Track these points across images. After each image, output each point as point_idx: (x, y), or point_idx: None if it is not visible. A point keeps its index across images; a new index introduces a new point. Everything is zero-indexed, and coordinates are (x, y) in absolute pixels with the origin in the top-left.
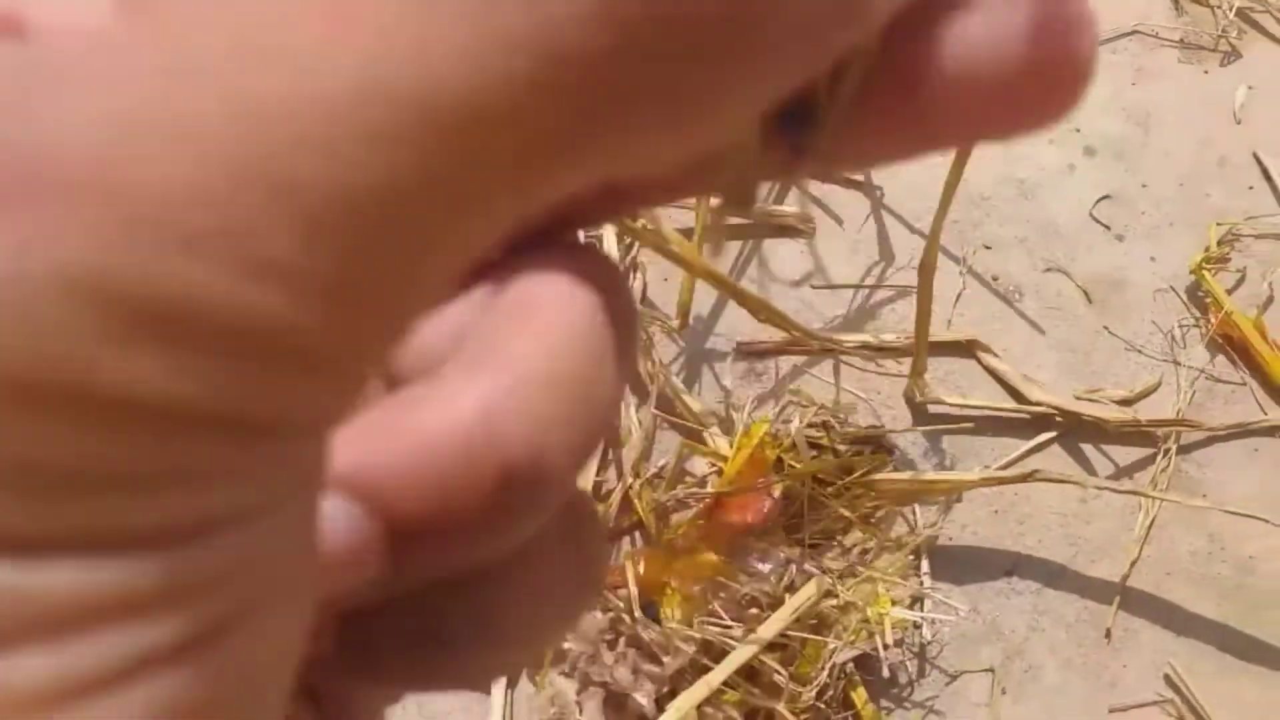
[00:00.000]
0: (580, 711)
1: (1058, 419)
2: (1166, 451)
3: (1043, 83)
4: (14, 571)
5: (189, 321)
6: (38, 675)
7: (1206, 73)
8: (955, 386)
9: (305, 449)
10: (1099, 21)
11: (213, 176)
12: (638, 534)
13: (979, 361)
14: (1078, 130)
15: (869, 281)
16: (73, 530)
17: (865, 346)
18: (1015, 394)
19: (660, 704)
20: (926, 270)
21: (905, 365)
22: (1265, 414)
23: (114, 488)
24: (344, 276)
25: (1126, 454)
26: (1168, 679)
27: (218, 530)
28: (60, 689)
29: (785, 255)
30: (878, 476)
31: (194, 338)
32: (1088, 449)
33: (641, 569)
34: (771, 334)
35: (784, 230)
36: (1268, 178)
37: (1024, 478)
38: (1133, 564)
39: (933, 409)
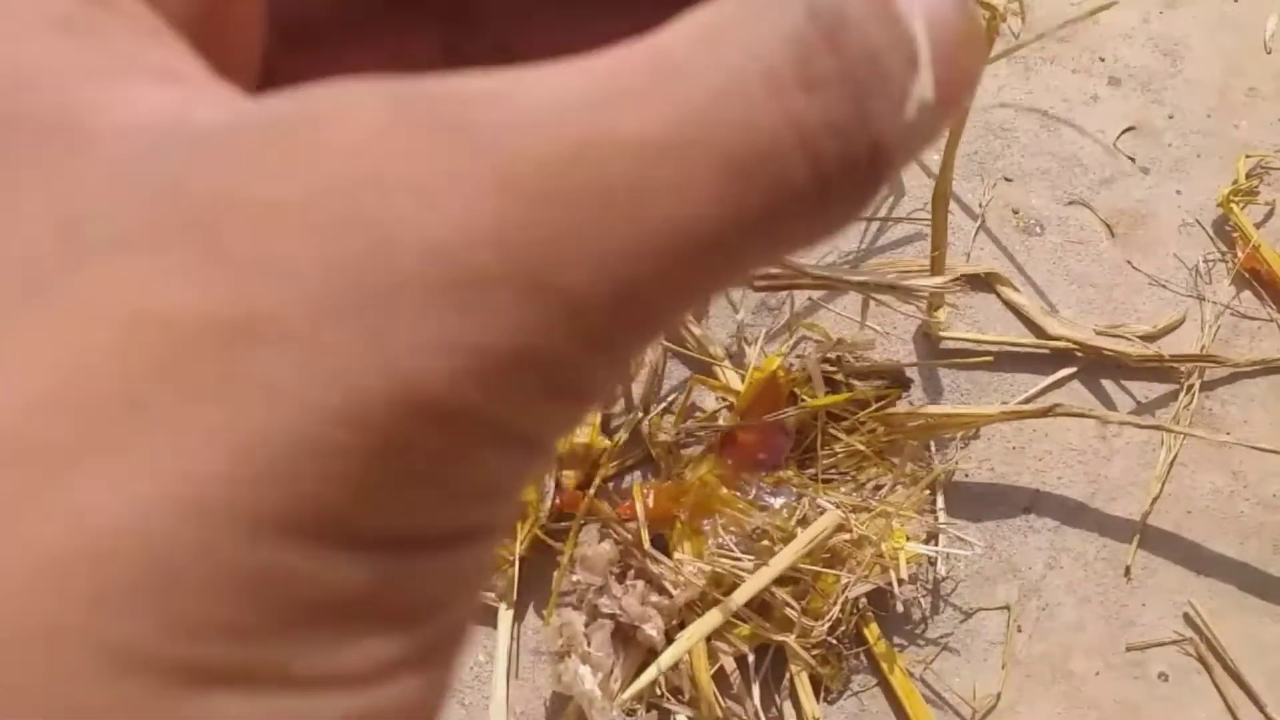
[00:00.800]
0: (589, 643)
1: (1078, 354)
2: (1190, 388)
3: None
4: None
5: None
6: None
7: (1237, 1)
8: (973, 322)
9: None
10: None
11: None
12: (647, 467)
13: (998, 295)
14: (1102, 60)
15: (885, 215)
16: None
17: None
18: (1035, 328)
19: (670, 636)
20: (940, 199)
21: (923, 301)
22: None
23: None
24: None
25: (1148, 390)
26: (1186, 618)
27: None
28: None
29: None
30: (893, 411)
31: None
32: (1109, 385)
33: (651, 502)
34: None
35: None
36: None
37: (1043, 412)
38: (1154, 501)
39: (950, 344)
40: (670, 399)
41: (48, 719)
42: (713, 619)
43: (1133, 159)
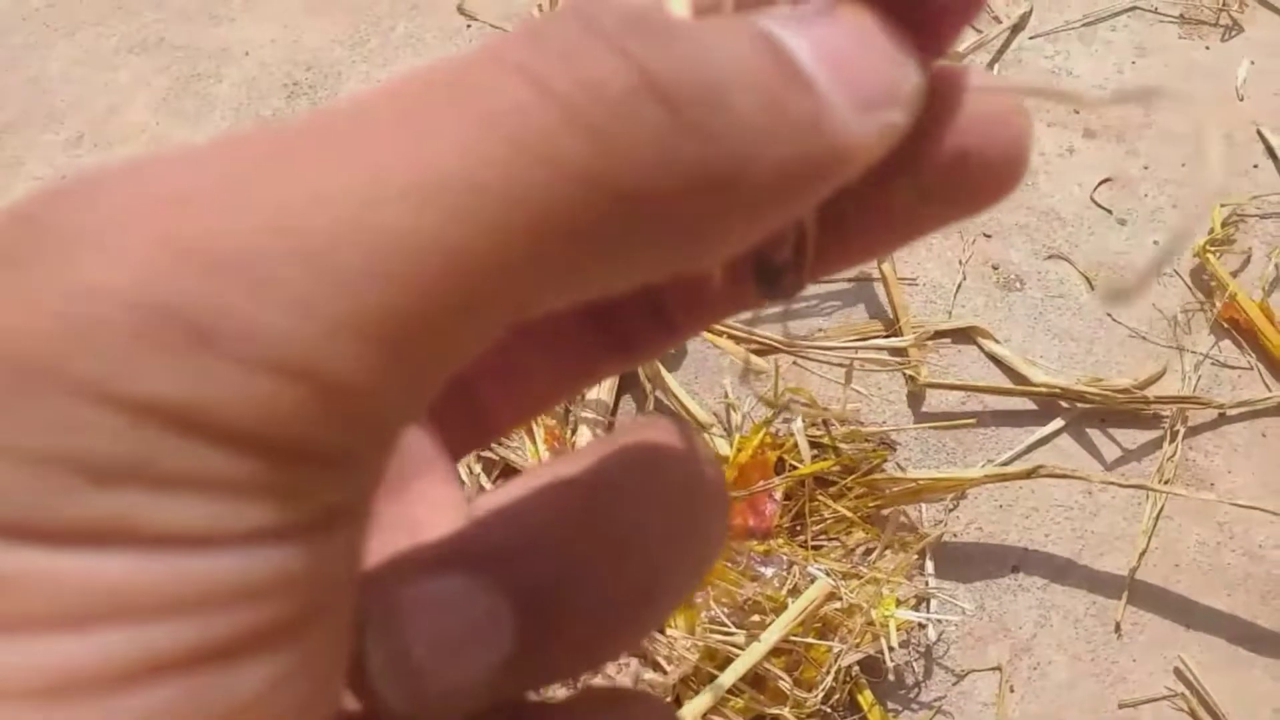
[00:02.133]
0: None
1: (1062, 404)
2: (1174, 434)
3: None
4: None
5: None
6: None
7: (1208, 48)
8: (956, 378)
9: (352, 484)
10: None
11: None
12: None
13: (980, 348)
14: (1076, 112)
15: (862, 274)
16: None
17: (836, 346)
18: (1018, 379)
19: None
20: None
21: (905, 359)
22: (1270, 391)
23: (202, 490)
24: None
25: (1132, 438)
26: (1178, 672)
27: (287, 540)
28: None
29: None
30: (880, 475)
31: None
32: (1094, 434)
33: None
34: (770, 331)
35: None
36: (1272, 155)
37: (1028, 474)
38: (1141, 556)
39: (934, 403)
40: None
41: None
42: (705, 700)
43: (1110, 211)
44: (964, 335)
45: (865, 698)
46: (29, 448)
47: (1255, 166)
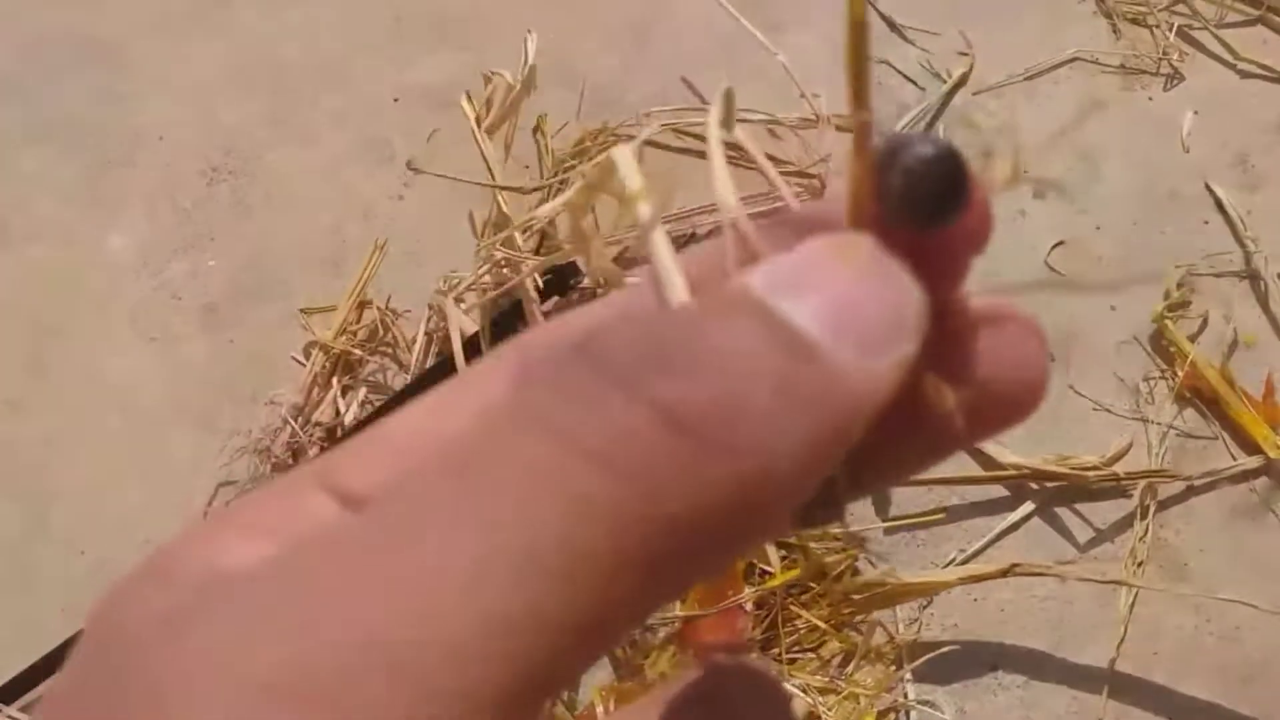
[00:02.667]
0: None
1: (1032, 485)
2: (1145, 511)
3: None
4: None
5: None
6: None
7: (1151, 99)
8: None
9: None
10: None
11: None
12: (609, 665)
13: None
14: (1025, 172)
15: None
16: None
17: None
18: (985, 460)
19: None
20: None
21: None
22: (1234, 460)
23: None
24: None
25: (1103, 517)
26: None
27: None
28: None
29: None
30: (853, 580)
31: None
32: (1064, 515)
33: (613, 706)
34: None
35: None
36: (1221, 210)
37: (1002, 573)
38: (1119, 646)
39: (902, 492)
40: None
41: None
42: None
43: (1064, 275)
44: None
45: None
46: None
47: (1206, 223)
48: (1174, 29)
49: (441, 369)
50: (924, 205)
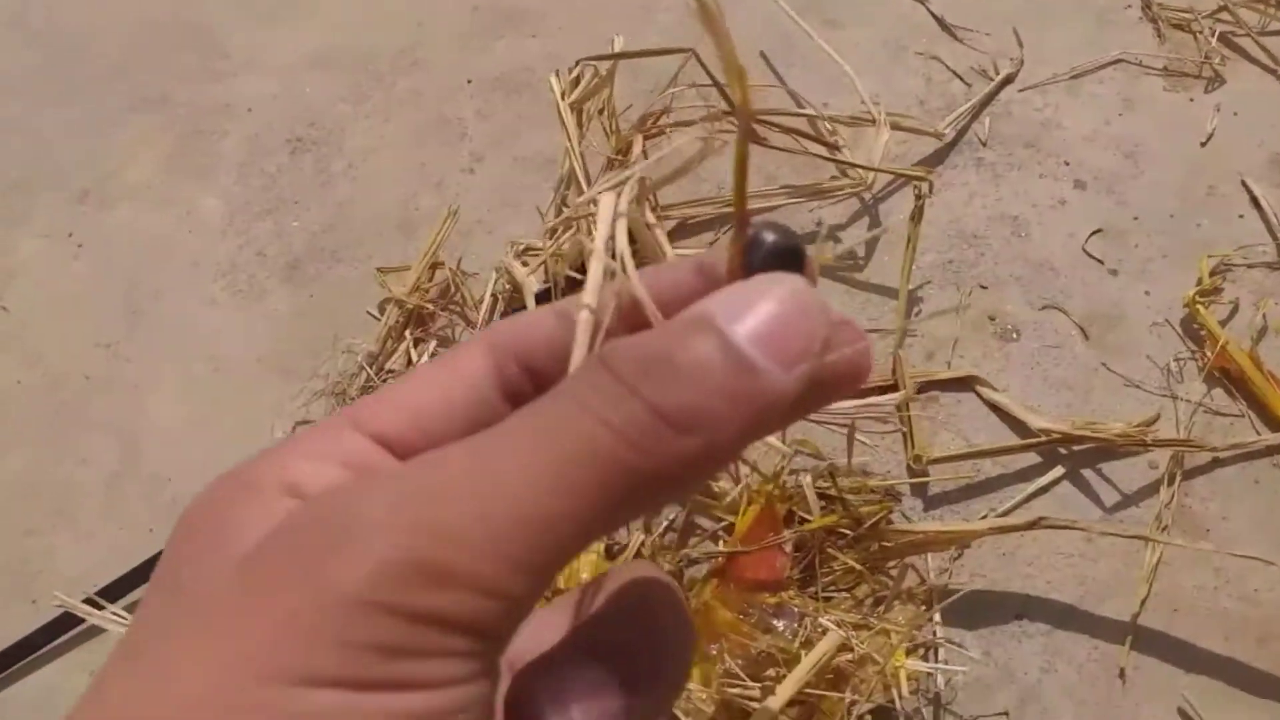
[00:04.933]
0: None
1: (1061, 451)
2: (1171, 479)
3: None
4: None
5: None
6: None
7: (1192, 100)
8: (958, 430)
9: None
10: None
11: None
12: None
13: (979, 396)
14: (1067, 164)
15: (864, 327)
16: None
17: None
18: (1018, 426)
19: None
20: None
21: (895, 418)
22: (1258, 434)
23: (445, 657)
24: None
25: (1130, 483)
26: (1181, 712)
27: (477, 681)
28: None
29: None
30: (887, 528)
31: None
32: (1092, 480)
33: None
34: None
35: None
36: (1256, 204)
37: (1030, 525)
38: (1143, 603)
39: (936, 451)
40: (671, 519)
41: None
42: None
43: (1101, 261)
44: (963, 384)
45: None
46: (357, 641)
47: (1241, 216)
48: (1216, 35)
49: None
50: (782, 267)
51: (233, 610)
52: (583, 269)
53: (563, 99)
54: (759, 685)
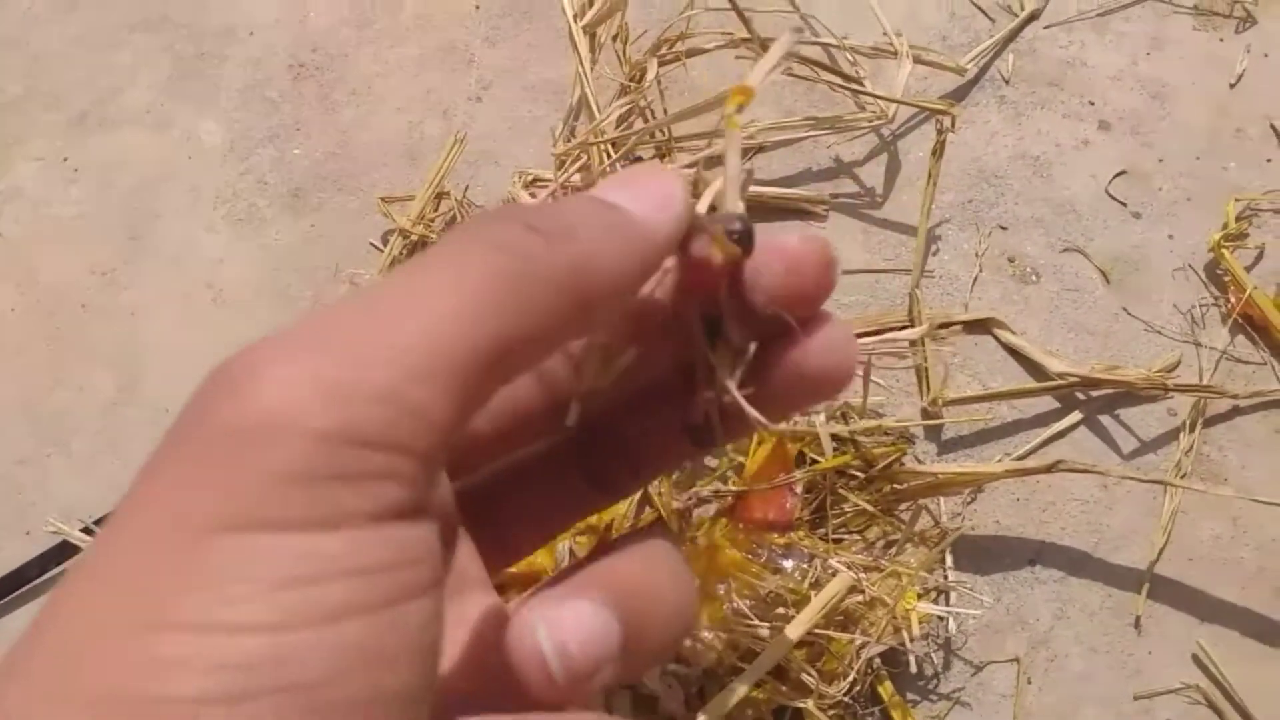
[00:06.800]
0: (610, 713)
1: (1079, 396)
2: (1191, 426)
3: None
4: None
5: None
6: None
7: (1222, 40)
8: (974, 374)
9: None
10: None
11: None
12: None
13: (997, 339)
14: (1091, 104)
15: (881, 266)
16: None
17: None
18: (1036, 370)
19: (689, 704)
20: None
21: (920, 350)
22: None
23: (373, 481)
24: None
25: (1148, 430)
26: (1196, 660)
27: (415, 518)
28: None
29: None
30: (900, 470)
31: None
32: (1110, 426)
33: None
34: None
35: (798, 213)
36: None
37: (1047, 469)
38: (1160, 551)
39: (952, 394)
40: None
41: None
42: (730, 696)
43: (1124, 204)
44: (981, 327)
45: (885, 689)
46: (281, 472)
47: (1269, 160)
48: None
49: None
50: (740, 245)
51: (157, 476)
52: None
53: (575, 21)
54: (768, 625)
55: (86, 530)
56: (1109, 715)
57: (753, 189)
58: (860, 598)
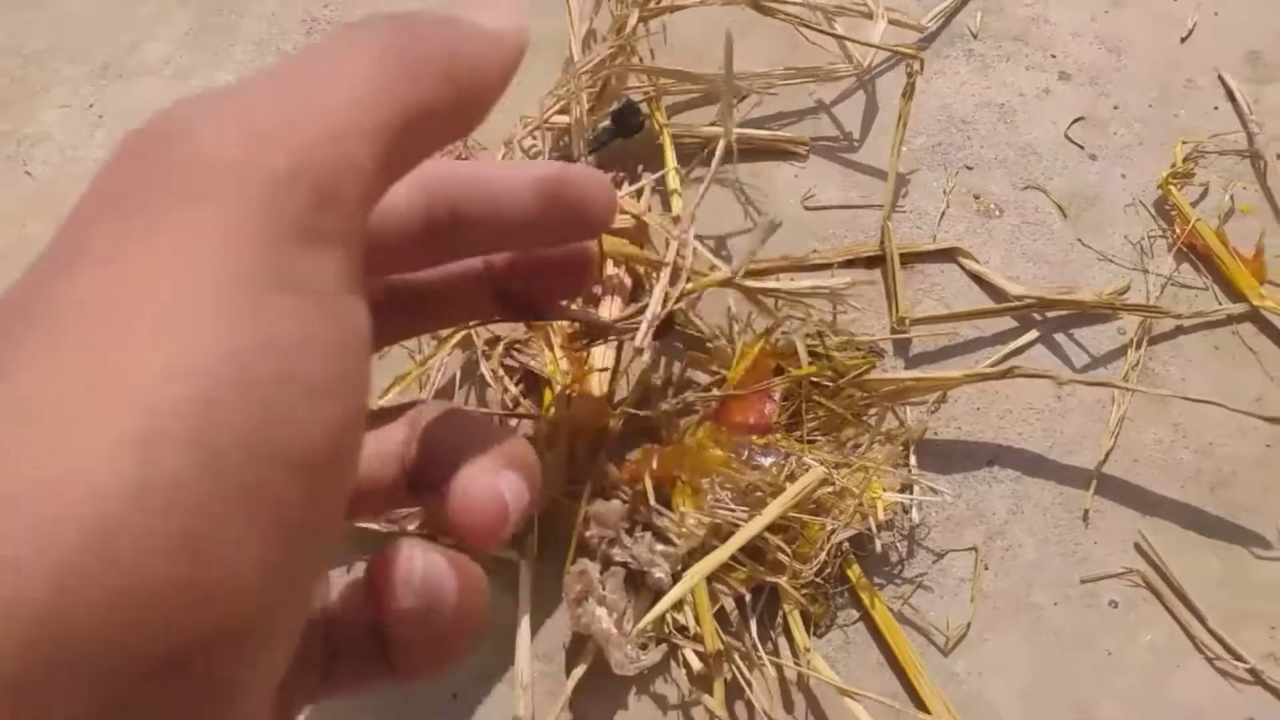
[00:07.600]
0: (604, 588)
1: (1035, 316)
2: (1138, 343)
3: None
4: None
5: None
6: None
7: (1175, 0)
8: (940, 298)
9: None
10: None
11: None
12: (649, 436)
13: (961, 267)
14: (1053, 57)
15: (856, 203)
16: None
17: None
18: (996, 293)
19: (676, 580)
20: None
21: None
22: (1220, 304)
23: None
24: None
25: (1099, 346)
26: (1137, 547)
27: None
28: None
29: (779, 177)
30: (868, 378)
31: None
32: (1064, 343)
33: (655, 465)
34: (769, 253)
35: (780, 154)
36: (1231, 98)
37: (1003, 374)
38: (1107, 454)
39: (917, 315)
40: (668, 374)
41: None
42: (713, 559)
43: (1082, 147)
44: (947, 256)
45: (854, 571)
46: (243, 218)
47: (1216, 108)
48: None
49: None
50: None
51: (102, 224)
52: (617, 115)
53: None
54: (746, 511)
55: None
56: (1058, 596)
57: (741, 131)
58: (831, 489)
